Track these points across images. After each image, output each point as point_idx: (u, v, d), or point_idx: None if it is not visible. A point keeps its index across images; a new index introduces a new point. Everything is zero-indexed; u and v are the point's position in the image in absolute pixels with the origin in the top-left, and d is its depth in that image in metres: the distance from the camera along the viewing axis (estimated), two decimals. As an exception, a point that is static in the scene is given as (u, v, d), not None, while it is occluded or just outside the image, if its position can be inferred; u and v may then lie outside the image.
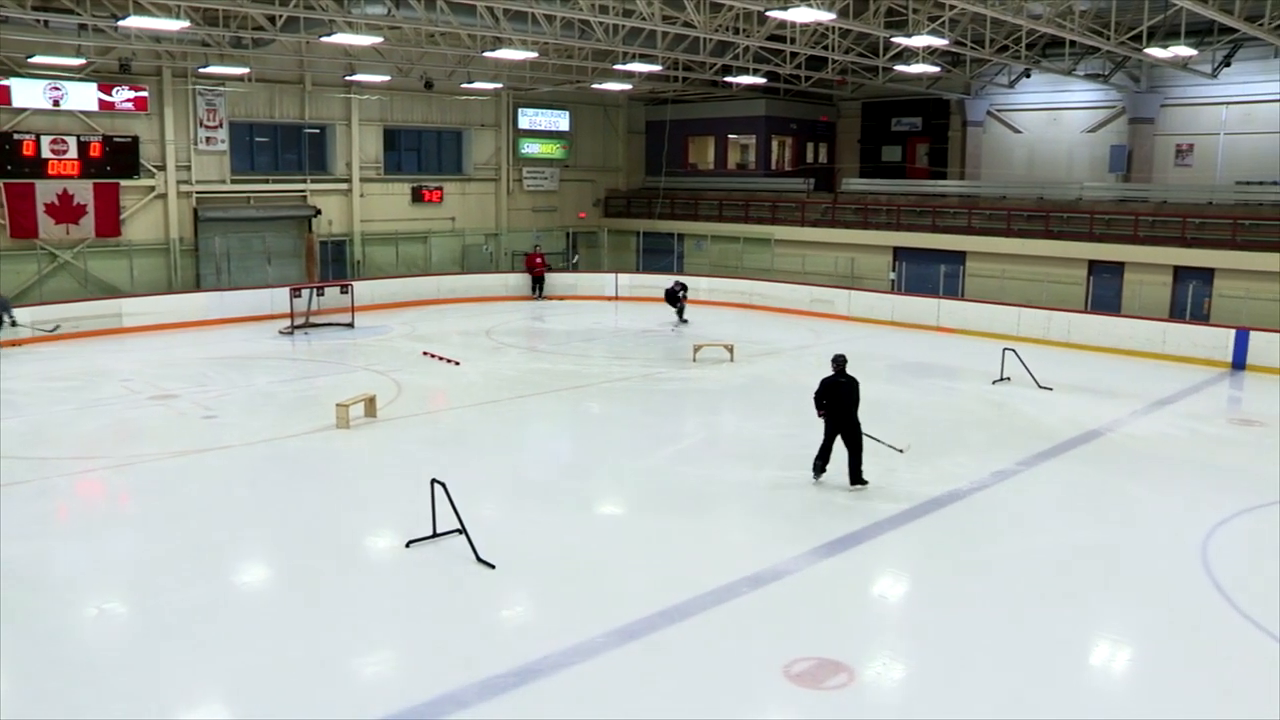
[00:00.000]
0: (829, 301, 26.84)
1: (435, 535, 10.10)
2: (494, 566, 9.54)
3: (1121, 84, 26.91)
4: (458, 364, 19.57)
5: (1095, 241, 24.74)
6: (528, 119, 32.88)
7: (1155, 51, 20.43)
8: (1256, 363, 19.97)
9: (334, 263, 28.60)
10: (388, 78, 27.31)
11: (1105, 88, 27.30)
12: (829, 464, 12.11)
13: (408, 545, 10.04)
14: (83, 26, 20.27)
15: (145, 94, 24.58)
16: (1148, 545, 10.68)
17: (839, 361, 12.06)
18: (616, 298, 30.03)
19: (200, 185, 25.99)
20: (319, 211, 28.06)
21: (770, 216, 31.15)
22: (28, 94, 23.01)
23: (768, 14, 17.44)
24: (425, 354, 20.54)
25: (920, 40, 19.73)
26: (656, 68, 25.77)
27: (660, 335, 23.75)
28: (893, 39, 20.29)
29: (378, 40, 21.62)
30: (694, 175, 35.12)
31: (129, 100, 24.38)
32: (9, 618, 8.40)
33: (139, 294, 24.20)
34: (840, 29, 22.11)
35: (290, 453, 13.71)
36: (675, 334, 23.82)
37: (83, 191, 23.90)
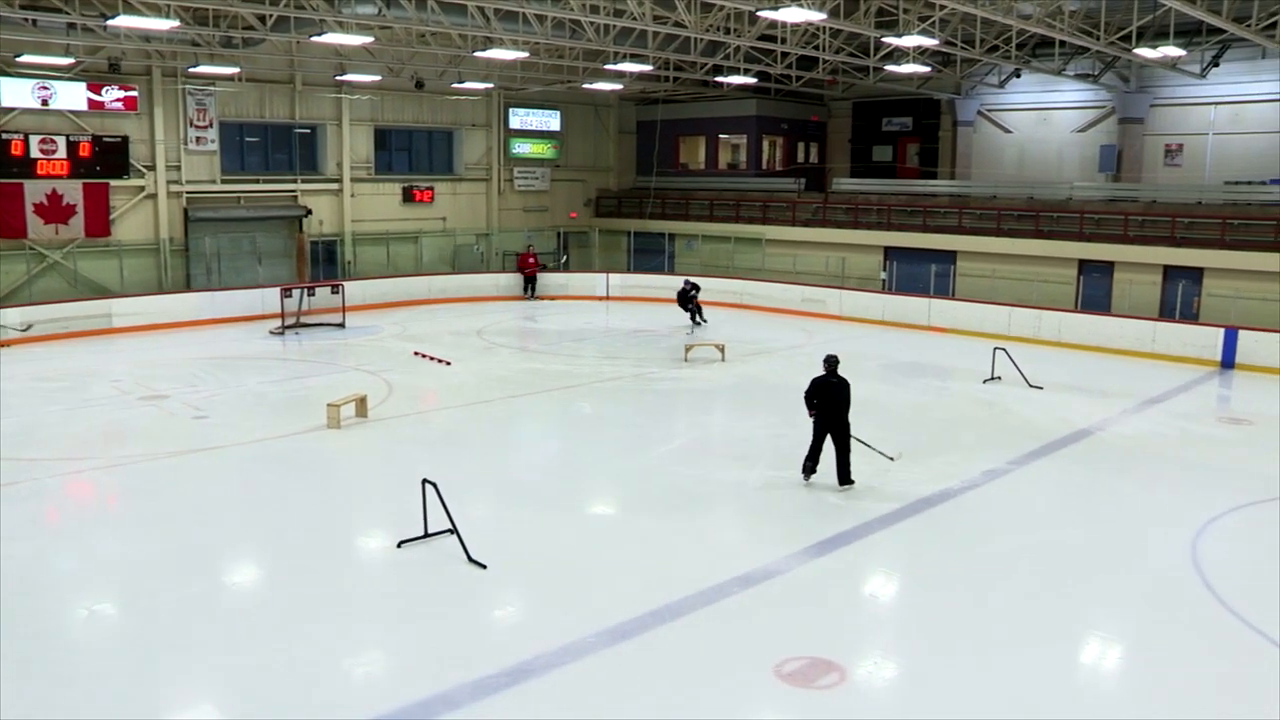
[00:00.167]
0: (820, 301, 26.88)
1: (427, 535, 10.10)
2: (485, 566, 9.54)
3: (1111, 84, 27.02)
4: (449, 364, 19.56)
5: (1085, 241, 24.85)
6: (519, 119, 32.84)
7: (1144, 52, 20.56)
8: (1245, 361, 20.07)
9: (325, 263, 28.53)
10: (378, 77, 27.26)
11: (1095, 88, 27.43)
12: (819, 464, 12.12)
13: (399, 545, 10.04)
14: (72, 25, 20.16)
15: (135, 94, 24.49)
16: (1138, 543, 10.72)
17: (830, 362, 12.09)
18: (608, 298, 30.02)
19: (190, 185, 25.91)
20: (310, 211, 28.01)
21: (761, 216, 31.18)
22: (16, 93, 22.90)
23: (758, 14, 17.47)
24: (416, 354, 20.52)
25: (910, 40, 19.81)
26: (647, 68, 25.80)
27: (652, 335, 23.72)
28: (883, 39, 20.36)
29: (368, 40, 21.57)
30: (685, 175, 35.12)
31: (118, 100, 24.28)
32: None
33: (129, 294, 24.10)
34: (831, 29, 22.19)
35: (281, 453, 13.68)
36: (689, 334, 23.30)
37: (72, 191, 23.80)
